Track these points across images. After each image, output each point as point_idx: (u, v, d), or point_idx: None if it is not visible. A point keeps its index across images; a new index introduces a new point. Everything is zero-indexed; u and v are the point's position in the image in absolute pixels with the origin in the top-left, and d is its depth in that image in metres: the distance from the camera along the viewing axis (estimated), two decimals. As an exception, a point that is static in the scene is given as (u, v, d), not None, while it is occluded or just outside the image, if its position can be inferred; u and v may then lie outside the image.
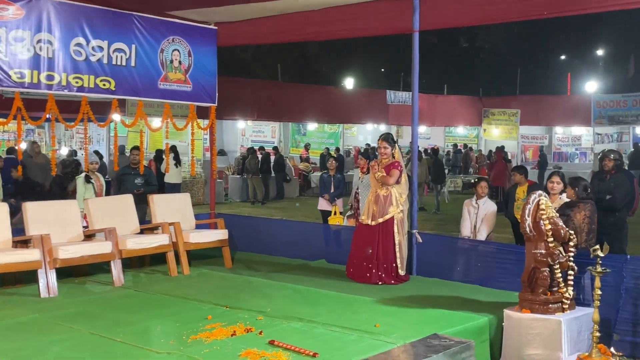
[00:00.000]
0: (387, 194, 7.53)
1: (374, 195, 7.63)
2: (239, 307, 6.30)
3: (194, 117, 9.09)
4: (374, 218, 7.51)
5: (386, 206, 7.50)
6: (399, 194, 7.58)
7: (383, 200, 7.52)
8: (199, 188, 17.93)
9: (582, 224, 6.40)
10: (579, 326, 5.70)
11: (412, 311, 6.24)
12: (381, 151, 7.69)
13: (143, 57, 8.32)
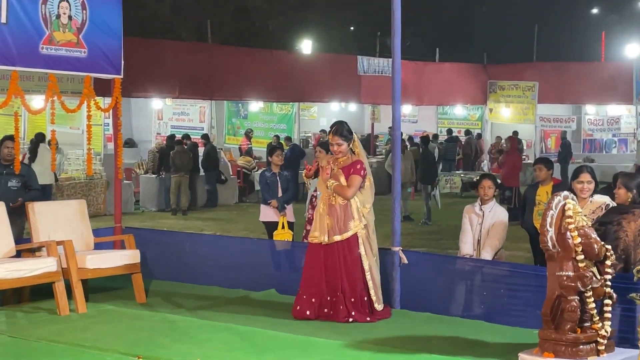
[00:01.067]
0: (344, 203, 7.54)
1: (326, 205, 7.63)
2: (156, 356, 6.28)
3: (91, 94, 9.02)
4: (329, 235, 7.50)
5: (345, 220, 7.51)
6: (362, 204, 7.59)
7: (340, 212, 7.53)
8: (98, 193, 17.72)
9: (637, 237, 6.45)
10: (619, 374, 5.80)
11: (393, 357, 6.28)
12: (334, 149, 7.68)
13: (18, 11, 8.21)
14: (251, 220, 16.47)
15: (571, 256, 5.80)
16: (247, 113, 26.23)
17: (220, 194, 20.57)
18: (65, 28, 8.63)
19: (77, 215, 8.86)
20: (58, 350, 6.56)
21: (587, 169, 7.44)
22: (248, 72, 21.63)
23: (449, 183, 23.41)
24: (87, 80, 9.04)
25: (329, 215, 7.53)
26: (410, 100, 26.21)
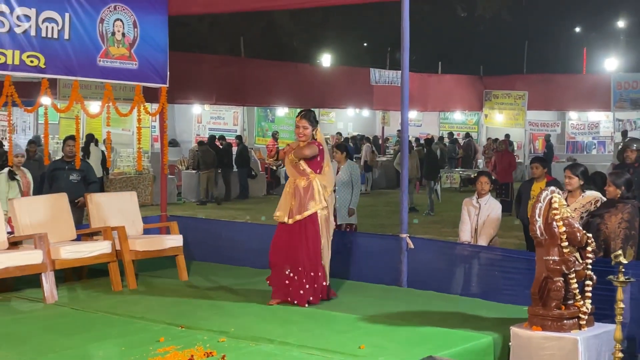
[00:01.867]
0: (307, 186, 7.13)
1: (291, 187, 7.23)
2: (197, 327, 6.30)
3: (141, 101, 9.05)
4: (291, 215, 7.14)
5: (306, 200, 7.09)
6: (322, 187, 7.16)
7: (302, 193, 7.11)
8: (146, 186, 17.84)
9: (616, 229, 6.45)
10: (598, 346, 5.78)
11: (402, 330, 6.27)
12: (299, 131, 7.26)
13: (79, 29, 8.26)
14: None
15: (557, 243, 5.79)
16: (274, 117, 26.32)
17: (251, 187, 20.68)
18: (119, 44, 8.67)
19: (128, 204, 8.90)
20: (113, 321, 6.62)
21: (571, 167, 7.43)
22: (275, 82, 21.68)
23: (449, 179, 23.40)
24: (137, 89, 9.09)
25: (293, 196, 7.13)
26: (416, 107, 26.19)
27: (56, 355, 5.53)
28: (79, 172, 9.82)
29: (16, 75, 8.02)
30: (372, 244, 8.94)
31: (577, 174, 7.19)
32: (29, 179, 9.92)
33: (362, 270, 8.41)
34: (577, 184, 7.14)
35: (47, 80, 8.34)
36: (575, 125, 29.10)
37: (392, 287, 7.98)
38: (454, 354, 5.61)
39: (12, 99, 7.98)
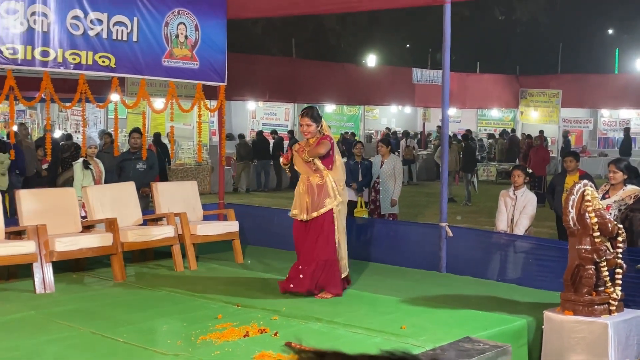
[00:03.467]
0: (321, 183, 6.75)
1: (305, 185, 6.83)
2: (252, 305, 6.37)
3: (201, 98, 9.14)
4: (308, 212, 6.76)
5: (321, 197, 6.73)
6: (335, 182, 6.81)
7: (317, 190, 6.74)
8: (205, 176, 18.02)
9: None
10: (627, 330, 5.71)
11: (441, 312, 6.27)
12: (303, 129, 6.87)
13: (146, 32, 8.37)
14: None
15: (589, 233, 5.73)
16: (322, 113, 26.28)
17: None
18: (182, 45, 8.77)
19: (190, 193, 8.99)
20: (176, 299, 6.72)
21: (615, 161, 7.34)
22: (324, 81, 21.67)
23: (486, 172, 23.16)
24: (198, 87, 9.17)
25: (307, 194, 6.77)
26: (455, 104, 25.92)
27: (124, 329, 5.63)
28: (145, 162, 9.98)
29: (89, 74, 8.17)
30: (413, 232, 8.93)
31: (621, 168, 7.10)
32: (101, 168, 10.12)
33: (404, 256, 8.41)
34: (621, 178, 7.04)
35: (117, 78, 8.47)
36: (607, 122, 28.63)
37: (432, 272, 7.97)
38: (490, 336, 5.59)
39: (86, 95, 8.13)
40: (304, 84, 21.14)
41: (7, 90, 7.57)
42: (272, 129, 22.49)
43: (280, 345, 5.18)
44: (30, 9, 7.45)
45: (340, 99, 23.33)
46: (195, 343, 5.28)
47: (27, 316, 6.05)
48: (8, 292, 6.91)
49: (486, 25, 33.56)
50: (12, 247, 6.89)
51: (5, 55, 7.35)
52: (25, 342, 5.31)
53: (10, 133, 8.87)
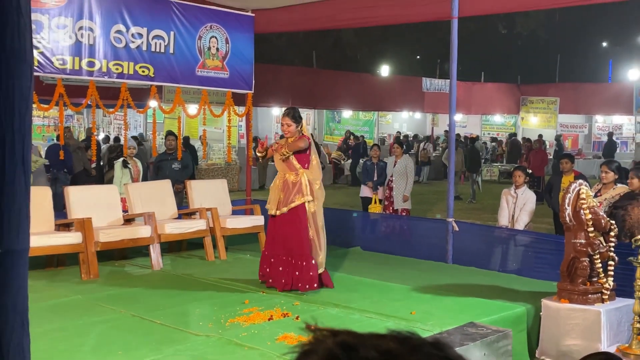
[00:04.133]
0: (296, 180, 6.35)
1: (281, 181, 6.44)
2: (276, 292, 6.37)
3: (231, 104, 9.17)
4: (279, 207, 6.39)
5: (293, 194, 6.33)
6: (310, 181, 6.40)
7: (291, 187, 6.34)
8: (233, 174, 18.07)
9: None
10: (619, 317, 5.65)
11: (448, 299, 6.24)
12: (284, 129, 6.49)
13: (181, 44, 8.42)
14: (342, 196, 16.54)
15: (584, 228, 5.68)
16: (340, 119, 26.32)
17: (320, 177, 20.69)
18: (214, 57, 8.81)
19: (220, 190, 9.02)
20: (207, 285, 6.73)
21: (607, 162, 7.30)
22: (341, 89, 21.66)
23: (489, 172, 23.02)
24: (228, 94, 9.20)
25: (282, 189, 6.38)
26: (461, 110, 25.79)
27: (161, 312, 5.66)
28: (179, 162, 10.03)
29: (130, 83, 8.24)
30: (422, 227, 8.93)
31: (612, 169, 7.05)
32: (140, 167, 10.19)
33: (414, 248, 8.40)
34: (612, 178, 6.99)
35: (155, 87, 8.54)
36: (601, 127, 28.39)
37: (439, 263, 7.93)
38: (492, 321, 5.56)
39: (127, 102, 8.20)
40: (324, 92, 21.16)
41: (57, 97, 7.65)
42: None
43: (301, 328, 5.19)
44: (78, 24, 7.52)
45: (356, 105, 23.33)
46: (224, 325, 5.30)
47: (74, 300, 6.11)
48: (57, 278, 6.99)
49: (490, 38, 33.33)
50: (61, 237, 6.96)
51: (56, 66, 7.43)
52: (73, 323, 5.36)
53: (59, 135, 8.96)
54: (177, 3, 8.36)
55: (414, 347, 0.61)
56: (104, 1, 7.72)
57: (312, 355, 0.61)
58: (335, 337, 0.62)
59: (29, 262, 1.86)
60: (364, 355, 0.58)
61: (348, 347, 0.59)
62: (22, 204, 1.74)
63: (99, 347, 4.80)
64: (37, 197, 7.27)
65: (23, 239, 1.75)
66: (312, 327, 0.68)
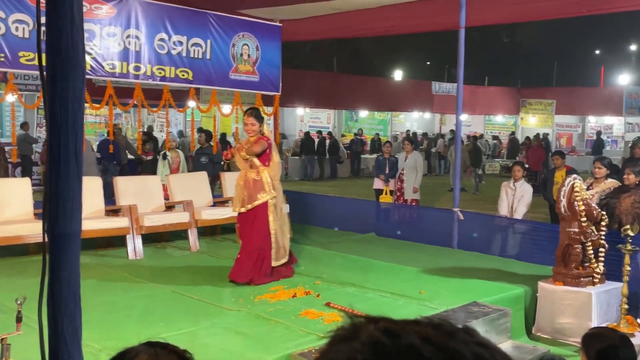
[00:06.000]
0: (257, 178, 5.96)
1: (242, 179, 6.06)
2: (299, 272, 6.37)
3: (260, 104, 9.16)
4: (244, 204, 6.01)
5: (256, 191, 5.95)
6: (271, 178, 6.02)
7: (253, 185, 5.97)
8: (262, 167, 18.11)
9: (629, 208, 6.19)
10: (608, 299, 5.58)
11: (454, 280, 6.20)
12: (247, 128, 6.01)
13: (217, 51, 8.43)
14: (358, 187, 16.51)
15: (577, 218, 5.60)
16: (357, 118, 26.22)
17: (339, 170, 20.69)
18: (246, 62, 8.81)
19: (250, 181, 9.03)
20: (238, 265, 6.76)
21: (600, 159, 7.18)
22: (359, 91, 21.61)
23: (491, 167, 22.83)
24: (258, 96, 9.21)
25: (244, 187, 6.02)
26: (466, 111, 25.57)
27: (197, 289, 5.68)
28: (207, 157, 10.03)
29: (172, 85, 8.27)
30: (431, 215, 8.88)
31: (605, 165, 6.94)
32: (181, 159, 10.22)
33: (423, 234, 8.34)
34: (605, 173, 6.88)
35: (194, 89, 8.56)
36: (594, 127, 27.98)
37: (446, 248, 7.88)
38: (493, 301, 5.51)
39: (169, 102, 8.23)
40: (343, 94, 21.13)
41: (107, 98, 7.70)
42: (317, 130, 22.50)
43: (322, 304, 5.20)
44: (126, 32, 7.56)
45: (372, 106, 23.26)
46: (253, 301, 5.31)
47: (121, 277, 6.16)
48: (107, 257, 7.05)
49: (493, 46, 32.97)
50: (110, 222, 7.03)
51: (106, 70, 7.48)
52: (120, 297, 5.41)
53: (109, 132, 9.03)
54: (213, 14, 8.36)
55: (450, 333, 0.59)
56: (149, 12, 7.75)
57: (355, 341, 0.59)
58: (376, 324, 0.60)
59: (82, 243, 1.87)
60: (406, 341, 0.56)
61: (391, 334, 0.57)
62: (75, 192, 1.74)
63: (143, 319, 4.84)
64: (90, 186, 7.34)
65: (76, 223, 1.76)
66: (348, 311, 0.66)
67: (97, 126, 19.56)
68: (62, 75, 1.78)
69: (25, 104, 8.44)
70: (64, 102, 1.77)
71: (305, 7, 8.49)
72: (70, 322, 1.77)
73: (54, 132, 1.73)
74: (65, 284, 1.78)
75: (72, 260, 1.80)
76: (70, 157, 1.75)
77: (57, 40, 1.75)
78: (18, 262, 6.60)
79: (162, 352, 1.14)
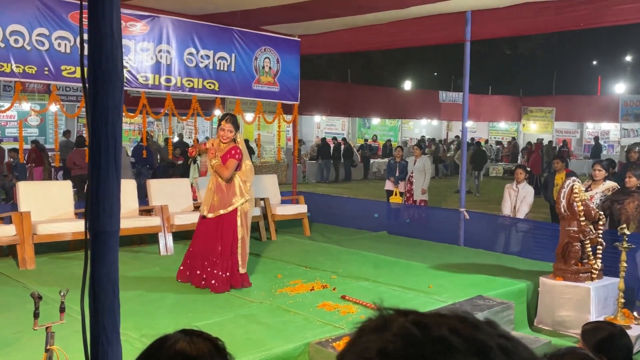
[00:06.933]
0: (230, 183, 5.49)
1: (214, 184, 5.51)
2: (316, 267, 6.39)
3: (281, 113, 9.19)
4: (214, 209, 5.47)
5: (229, 196, 5.47)
6: (243, 182, 5.56)
7: (225, 189, 5.47)
8: (282, 171, 18.15)
9: (634, 212, 6.12)
10: (605, 293, 5.51)
11: (460, 276, 6.17)
12: (223, 133, 5.47)
13: (241, 64, 8.46)
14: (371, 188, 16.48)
15: (576, 218, 5.55)
16: (370, 125, 26.17)
17: (353, 173, 20.66)
18: (267, 74, 8.83)
19: (272, 183, 9.04)
20: (261, 261, 6.76)
21: (599, 162, 7.09)
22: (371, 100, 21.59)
23: (495, 170, 22.64)
24: (278, 105, 9.22)
25: (216, 192, 5.51)
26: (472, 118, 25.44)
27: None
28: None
29: (199, 96, 8.31)
30: (438, 215, 8.83)
31: (604, 167, 6.86)
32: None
33: (431, 232, 8.31)
34: (603, 175, 6.79)
35: (220, 98, 8.60)
36: (591, 133, 27.65)
37: (453, 245, 7.84)
38: (497, 295, 5.47)
39: (197, 111, 8.28)
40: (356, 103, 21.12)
41: (141, 107, 7.77)
42: (332, 136, 22.48)
43: (338, 297, 5.19)
44: (157, 47, 7.62)
45: (383, 114, 23.21)
46: (274, 294, 5.33)
47: (153, 272, 6.20)
48: (140, 254, 7.10)
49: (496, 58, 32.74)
50: (144, 221, 7.08)
51: (140, 82, 7.54)
52: (152, 290, 5.44)
53: (142, 138, 9.11)
54: (237, 30, 8.40)
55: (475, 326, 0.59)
56: (179, 29, 7.81)
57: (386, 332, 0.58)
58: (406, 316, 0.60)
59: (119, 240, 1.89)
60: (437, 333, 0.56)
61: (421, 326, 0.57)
62: (114, 194, 1.76)
63: (173, 309, 4.87)
64: (125, 188, 7.41)
65: (114, 221, 1.78)
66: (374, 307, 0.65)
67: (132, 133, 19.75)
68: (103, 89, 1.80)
69: (66, 113, 8.52)
70: (104, 114, 1.79)
71: (320, 24, 8.51)
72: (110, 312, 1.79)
73: (94, 139, 1.75)
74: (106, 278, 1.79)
75: (111, 256, 1.82)
76: (110, 162, 1.77)
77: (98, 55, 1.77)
78: (60, 257, 6.68)
79: (197, 339, 1.16)
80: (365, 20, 8.29)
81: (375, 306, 0.65)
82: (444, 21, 7.73)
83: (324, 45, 9.82)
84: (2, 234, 6.08)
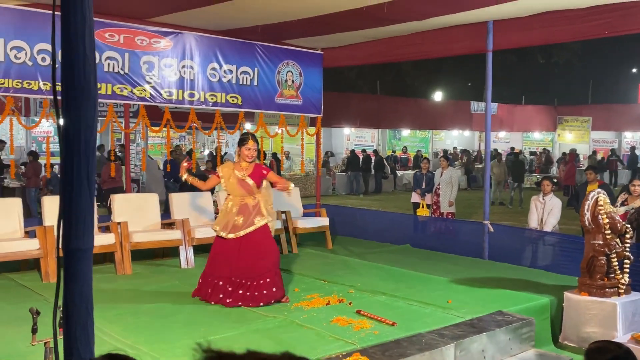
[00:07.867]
0: (255, 203, 5.47)
1: (238, 206, 5.45)
2: (335, 281, 6.32)
3: (304, 126, 9.19)
4: (235, 230, 5.41)
5: (253, 216, 5.45)
6: (266, 202, 5.56)
7: (251, 209, 5.45)
8: (310, 183, 18.15)
9: None
10: (633, 309, 5.29)
11: (480, 290, 6.02)
12: (249, 152, 5.44)
13: (263, 78, 8.51)
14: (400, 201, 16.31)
15: (601, 231, 5.36)
16: (400, 136, 26.01)
17: (383, 185, 20.52)
18: (290, 87, 8.86)
19: (294, 196, 8.93)
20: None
21: (638, 176, 6.88)
22: (401, 111, 21.44)
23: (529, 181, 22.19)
24: (301, 118, 9.24)
25: (241, 214, 5.44)
26: (505, 128, 25.14)
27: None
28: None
29: (223, 110, 8.38)
30: (463, 227, 8.67)
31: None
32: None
33: (454, 245, 8.16)
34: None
35: (243, 112, 8.67)
36: (629, 142, 26.86)
37: (476, 259, 7.68)
38: (518, 310, 5.32)
39: (221, 125, 8.35)
40: (386, 114, 21.01)
41: (165, 122, 7.88)
42: (362, 148, 22.39)
43: (353, 312, 5.12)
44: (181, 63, 7.74)
45: (414, 125, 23.02)
46: (290, 308, 5.29)
47: (174, 284, 6.24)
48: (161, 267, 7.17)
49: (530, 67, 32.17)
50: (165, 234, 7.15)
51: (164, 97, 7.66)
52: (169, 303, 5.47)
53: (168, 151, 9.23)
54: (260, 45, 8.46)
55: None
56: (202, 45, 7.91)
57: None
58: None
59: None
60: None
61: None
62: (86, 212, 1.76)
63: (187, 323, 4.87)
64: (148, 202, 7.53)
65: (87, 239, 1.78)
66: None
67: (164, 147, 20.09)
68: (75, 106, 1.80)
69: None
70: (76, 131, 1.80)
71: (342, 36, 8.50)
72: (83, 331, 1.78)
73: (67, 157, 1.76)
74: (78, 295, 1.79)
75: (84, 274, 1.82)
76: (82, 181, 1.78)
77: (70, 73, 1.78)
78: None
79: None
80: (386, 32, 8.25)
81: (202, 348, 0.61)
82: (465, 32, 7.63)
83: (347, 58, 9.81)
84: (27, 248, 6.23)
